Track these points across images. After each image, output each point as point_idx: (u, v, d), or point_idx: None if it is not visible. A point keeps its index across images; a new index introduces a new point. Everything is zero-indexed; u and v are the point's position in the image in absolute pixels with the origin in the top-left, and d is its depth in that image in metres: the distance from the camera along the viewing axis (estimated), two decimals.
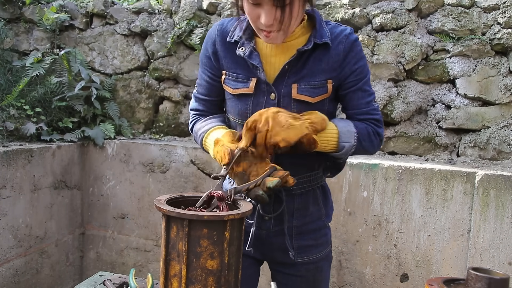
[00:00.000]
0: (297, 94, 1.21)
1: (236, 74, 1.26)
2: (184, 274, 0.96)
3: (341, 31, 1.23)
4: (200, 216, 0.93)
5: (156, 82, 3.25)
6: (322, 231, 1.38)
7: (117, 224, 3.07)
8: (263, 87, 1.23)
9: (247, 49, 1.22)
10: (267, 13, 1.09)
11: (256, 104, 1.24)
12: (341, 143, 1.17)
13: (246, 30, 1.24)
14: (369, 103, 1.26)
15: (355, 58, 1.22)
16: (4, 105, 2.88)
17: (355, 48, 1.23)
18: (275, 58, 1.23)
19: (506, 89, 2.53)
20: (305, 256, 1.35)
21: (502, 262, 2.23)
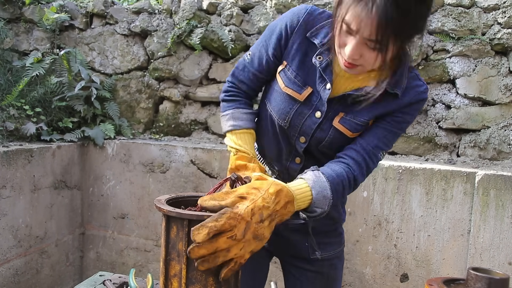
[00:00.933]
0: (338, 123, 1.17)
1: (295, 73, 1.19)
2: (184, 274, 0.96)
3: (416, 86, 1.17)
4: (200, 216, 0.92)
5: (156, 82, 3.25)
6: (338, 230, 1.41)
7: (117, 224, 3.07)
8: (314, 101, 1.18)
9: (325, 61, 1.15)
10: (354, 47, 1.02)
11: (299, 112, 1.19)
12: (314, 208, 1.07)
13: (330, 39, 1.14)
14: (377, 148, 1.18)
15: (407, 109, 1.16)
16: (4, 105, 2.88)
17: (417, 105, 1.17)
18: (341, 79, 1.17)
19: (506, 89, 2.53)
20: (322, 253, 1.37)
21: (502, 262, 2.23)
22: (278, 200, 0.97)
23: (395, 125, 1.18)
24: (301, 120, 1.19)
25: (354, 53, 1.03)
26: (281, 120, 1.22)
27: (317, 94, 1.17)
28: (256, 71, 1.27)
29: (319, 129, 1.19)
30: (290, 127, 1.22)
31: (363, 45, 1.02)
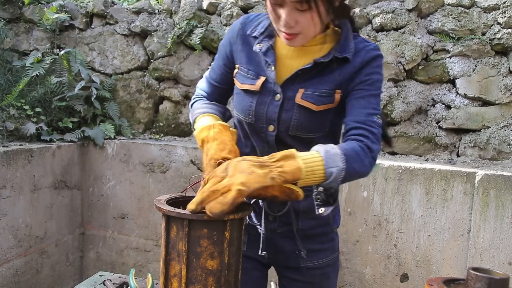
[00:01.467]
0: (301, 99, 1.19)
1: (247, 70, 1.25)
2: (184, 274, 0.96)
3: (364, 47, 1.20)
4: (200, 216, 0.93)
5: (156, 82, 3.25)
6: (329, 236, 1.35)
7: (117, 224, 3.07)
8: (270, 87, 1.21)
9: (265, 46, 1.22)
10: (287, 15, 1.08)
11: (260, 102, 1.22)
12: (328, 169, 1.02)
13: (268, 28, 1.23)
14: (371, 115, 1.16)
15: (369, 70, 1.18)
16: (4, 105, 2.88)
17: (373, 62, 1.19)
18: (291, 60, 1.22)
19: (506, 89, 2.53)
20: (311, 260, 1.32)
21: (502, 262, 2.23)
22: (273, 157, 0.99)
23: (368, 88, 1.18)
24: (264, 108, 1.21)
25: (288, 20, 1.08)
26: (247, 117, 1.25)
27: (270, 79, 1.21)
28: (213, 81, 1.36)
29: (283, 110, 1.20)
30: (256, 119, 1.24)
31: (294, 10, 1.07)
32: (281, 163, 0.98)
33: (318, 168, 1.02)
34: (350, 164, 1.06)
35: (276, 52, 1.22)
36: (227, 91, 1.36)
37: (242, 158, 0.98)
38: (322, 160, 1.02)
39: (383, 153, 2.81)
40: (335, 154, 1.04)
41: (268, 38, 1.23)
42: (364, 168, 1.11)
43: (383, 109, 2.73)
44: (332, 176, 1.03)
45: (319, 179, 1.03)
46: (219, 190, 0.92)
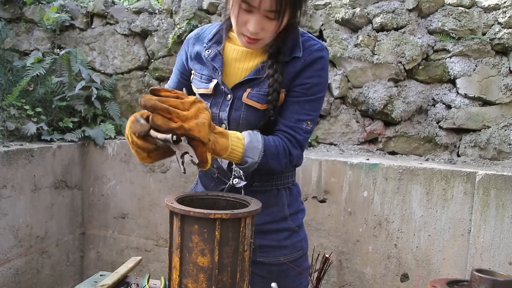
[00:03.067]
0: (247, 98, 1.24)
1: (200, 75, 1.32)
2: (178, 267, 0.99)
3: (310, 46, 1.24)
4: (187, 211, 0.95)
5: (156, 82, 3.25)
6: (286, 233, 1.37)
7: (117, 224, 3.07)
8: (221, 89, 1.27)
9: (213, 52, 1.28)
10: (257, 22, 1.12)
11: (213, 104, 1.29)
12: (244, 157, 1.15)
13: (217, 34, 1.30)
14: (300, 121, 1.24)
15: (310, 73, 1.22)
16: (5, 105, 2.89)
17: (316, 64, 1.23)
18: (240, 63, 1.28)
19: (506, 89, 2.53)
20: (267, 256, 1.35)
21: (503, 262, 2.23)
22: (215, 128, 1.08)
23: (306, 92, 1.23)
24: (217, 109, 1.28)
25: (257, 27, 1.12)
26: None
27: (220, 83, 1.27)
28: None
29: (232, 110, 1.26)
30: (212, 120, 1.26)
31: (263, 18, 1.12)
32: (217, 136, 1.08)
33: (237, 152, 1.14)
34: (267, 159, 1.18)
35: (225, 56, 1.29)
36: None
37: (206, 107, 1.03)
38: (243, 148, 1.15)
39: (383, 153, 2.81)
40: (256, 147, 1.16)
41: (216, 44, 1.29)
42: (278, 166, 1.24)
43: (383, 109, 2.73)
44: (246, 164, 1.16)
45: (235, 160, 1.16)
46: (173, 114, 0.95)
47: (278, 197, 1.36)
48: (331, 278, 2.58)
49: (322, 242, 2.56)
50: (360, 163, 2.48)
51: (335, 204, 2.54)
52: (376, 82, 2.74)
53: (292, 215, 1.39)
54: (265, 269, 1.36)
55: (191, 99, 1.01)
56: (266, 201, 1.31)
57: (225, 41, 1.30)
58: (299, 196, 1.44)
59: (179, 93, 1.02)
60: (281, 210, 1.37)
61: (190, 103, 1.00)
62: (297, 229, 1.40)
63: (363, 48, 2.73)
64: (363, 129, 2.83)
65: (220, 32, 1.30)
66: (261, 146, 1.17)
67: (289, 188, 1.39)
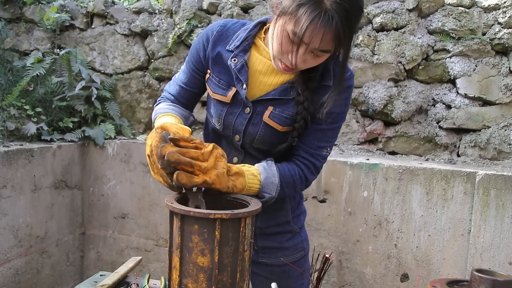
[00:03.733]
0: (268, 118, 1.21)
1: (219, 79, 1.25)
2: (178, 267, 0.99)
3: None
4: (187, 211, 0.95)
5: (156, 82, 3.25)
6: (289, 235, 1.39)
7: (117, 224, 3.07)
8: (240, 99, 1.22)
9: (239, 62, 1.20)
10: (301, 56, 1.07)
11: (230, 113, 1.24)
12: (262, 193, 1.18)
13: (244, 42, 1.22)
14: (320, 148, 1.24)
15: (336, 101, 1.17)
16: (5, 105, 2.89)
17: (344, 94, 1.19)
18: (264, 77, 1.22)
19: (506, 89, 2.53)
20: (269, 257, 1.36)
21: (503, 262, 2.23)
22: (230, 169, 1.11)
23: (330, 121, 1.22)
24: (233, 119, 1.24)
25: (300, 61, 1.08)
26: (216, 124, 1.29)
27: (241, 93, 1.23)
28: (182, 83, 1.33)
29: (250, 124, 1.23)
30: (224, 128, 1.27)
31: (309, 53, 1.06)
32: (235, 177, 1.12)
33: (254, 188, 1.17)
34: (283, 190, 1.21)
35: (250, 68, 1.22)
36: (196, 95, 1.35)
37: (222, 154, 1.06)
38: (260, 185, 1.17)
39: (383, 153, 2.81)
40: (272, 183, 1.18)
41: (243, 53, 1.21)
42: (294, 193, 1.27)
43: (383, 109, 2.73)
44: (264, 198, 1.18)
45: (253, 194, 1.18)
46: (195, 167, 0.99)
47: (283, 203, 1.36)
48: (331, 278, 2.58)
49: (322, 242, 2.56)
50: (360, 163, 2.48)
51: (335, 204, 2.54)
52: (376, 82, 2.74)
53: (295, 218, 1.40)
54: (267, 269, 1.36)
55: (209, 148, 1.03)
56: (270, 207, 1.31)
57: (251, 50, 1.22)
58: (301, 200, 1.45)
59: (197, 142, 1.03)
60: (285, 215, 1.38)
61: (209, 153, 1.02)
62: (299, 231, 1.41)
63: (363, 48, 2.73)
64: (363, 129, 2.83)
65: (249, 39, 1.22)
66: (278, 181, 1.19)
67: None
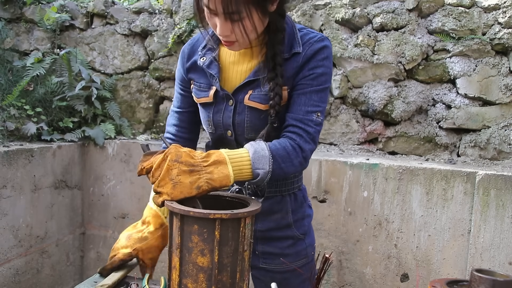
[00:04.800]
0: (249, 100, 1.21)
1: (199, 84, 1.29)
2: (178, 267, 0.99)
3: (309, 39, 1.20)
4: (187, 211, 0.95)
5: (156, 82, 3.25)
6: (290, 241, 1.34)
7: (117, 224, 3.07)
8: (222, 95, 1.24)
9: (208, 59, 1.25)
10: (221, 24, 1.10)
11: (216, 111, 1.26)
12: (255, 170, 1.09)
13: (210, 40, 1.27)
14: (309, 113, 1.18)
15: (313, 63, 1.18)
16: (5, 105, 2.89)
17: (318, 54, 1.18)
18: (237, 66, 1.24)
19: (506, 89, 2.53)
20: (270, 263, 1.33)
21: (503, 262, 2.23)
22: (207, 159, 1.03)
23: (311, 83, 1.18)
24: (220, 116, 1.26)
25: (223, 29, 1.10)
26: (208, 128, 1.30)
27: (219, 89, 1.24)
28: (177, 108, 1.39)
29: (236, 114, 1.24)
30: (216, 128, 1.28)
31: (227, 21, 1.09)
32: (211, 169, 1.03)
33: (245, 169, 1.08)
34: (278, 165, 1.12)
35: (221, 61, 1.26)
36: (193, 114, 1.37)
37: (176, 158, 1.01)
38: (250, 161, 1.08)
39: (383, 153, 2.81)
40: (263, 156, 1.09)
41: (211, 51, 1.26)
42: (292, 168, 1.16)
43: (383, 109, 2.73)
44: (258, 177, 1.09)
45: (247, 177, 1.09)
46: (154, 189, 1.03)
47: (282, 204, 1.33)
48: (331, 278, 2.58)
49: (322, 242, 2.56)
50: (360, 163, 2.48)
51: (335, 204, 2.54)
52: (376, 82, 2.74)
53: (297, 222, 1.35)
54: (267, 275, 1.34)
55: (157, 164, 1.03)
56: (270, 208, 1.30)
57: (220, 46, 1.27)
58: (305, 201, 1.40)
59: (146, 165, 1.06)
60: (284, 217, 1.34)
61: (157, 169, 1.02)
62: (302, 237, 1.36)
63: (363, 48, 2.73)
64: (363, 129, 2.83)
65: (214, 38, 1.26)
66: (268, 152, 1.10)
67: (294, 194, 1.35)
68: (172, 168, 1.00)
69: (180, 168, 1.00)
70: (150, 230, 1.24)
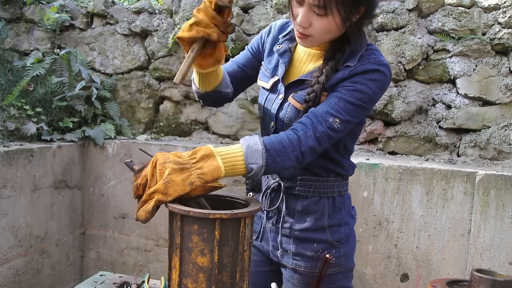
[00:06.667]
0: (291, 98, 1.24)
1: (266, 68, 1.33)
2: (178, 267, 0.99)
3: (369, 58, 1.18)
4: (187, 211, 0.95)
5: (156, 82, 3.25)
6: (322, 245, 1.30)
7: (117, 224, 3.07)
8: (278, 86, 1.28)
9: (283, 47, 1.29)
10: (303, 15, 1.12)
11: (268, 99, 1.30)
12: (249, 165, 1.06)
13: (292, 31, 1.28)
14: (328, 114, 1.14)
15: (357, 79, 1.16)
16: (5, 105, 2.89)
17: (367, 74, 1.16)
18: (302, 65, 1.27)
19: (506, 89, 2.53)
20: (301, 266, 1.31)
21: (503, 262, 2.23)
22: (195, 156, 1.02)
23: (346, 92, 1.17)
24: (270, 105, 1.29)
25: (303, 20, 1.12)
26: (259, 111, 1.35)
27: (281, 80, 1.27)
28: (238, 62, 1.41)
29: (281, 109, 1.26)
30: (264, 114, 1.32)
31: (311, 12, 1.11)
32: (200, 164, 1.01)
33: (239, 164, 1.06)
34: (273, 159, 1.09)
35: (293, 55, 1.29)
36: (247, 76, 1.40)
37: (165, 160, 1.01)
38: (243, 155, 1.06)
39: (383, 153, 2.81)
40: (256, 150, 1.07)
41: (289, 41, 1.29)
42: (288, 162, 1.11)
43: (383, 109, 2.73)
44: (252, 171, 1.07)
45: (241, 172, 1.07)
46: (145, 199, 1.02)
47: (319, 205, 1.30)
48: None
49: None
50: (360, 163, 2.48)
51: None
52: None
53: (332, 227, 1.32)
54: (295, 277, 1.32)
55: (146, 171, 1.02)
56: (306, 207, 1.30)
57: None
58: (344, 208, 1.35)
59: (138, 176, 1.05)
60: (320, 219, 1.30)
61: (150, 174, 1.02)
62: (337, 244, 1.32)
63: None
64: (363, 129, 2.83)
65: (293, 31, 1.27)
66: (261, 146, 1.07)
67: (332, 198, 1.32)
68: (163, 170, 0.99)
69: (170, 167, 0.99)
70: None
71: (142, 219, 1.02)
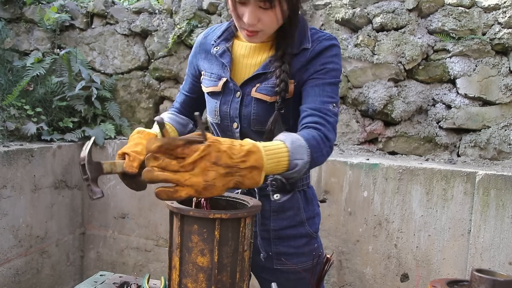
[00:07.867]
0: (256, 92, 1.22)
1: (210, 74, 1.31)
2: (178, 267, 0.99)
3: (318, 37, 1.23)
4: (187, 211, 0.95)
5: (156, 82, 3.25)
6: (304, 239, 1.34)
7: (117, 224, 3.07)
8: (231, 86, 1.26)
9: (221, 48, 1.29)
10: (251, 13, 1.12)
11: (223, 102, 1.27)
12: (294, 161, 1.00)
13: (225, 32, 1.31)
14: (325, 103, 1.16)
15: (323, 59, 1.20)
16: (5, 105, 2.89)
17: (327, 51, 1.21)
18: (248, 59, 1.27)
19: (506, 89, 2.53)
20: (284, 263, 1.32)
21: (503, 262, 2.23)
22: (245, 160, 0.90)
23: (323, 76, 1.19)
24: (227, 107, 1.27)
25: (252, 17, 1.12)
26: (214, 118, 1.31)
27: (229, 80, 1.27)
28: (185, 91, 1.44)
29: (243, 106, 1.25)
30: (222, 119, 1.29)
31: (257, 9, 1.11)
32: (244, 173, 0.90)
33: (283, 160, 0.98)
34: (313, 155, 1.05)
35: (233, 53, 1.29)
36: (198, 100, 1.41)
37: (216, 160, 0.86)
38: (288, 151, 0.99)
39: (383, 153, 2.81)
40: (300, 146, 1.02)
41: (225, 41, 1.30)
42: (322, 158, 1.11)
43: (383, 109, 2.73)
44: (296, 168, 1.01)
45: (282, 170, 1.00)
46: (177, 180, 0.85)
47: (294, 201, 1.32)
48: (331, 278, 2.58)
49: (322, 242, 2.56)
50: (360, 163, 2.48)
51: (335, 204, 2.55)
52: (376, 82, 2.74)
53: (309, 220, 1.36)
54: (282, 277, 1.32)
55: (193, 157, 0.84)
56: (281, 205, 1.30)
57: (233, 39, 1.30)
58: (314, 200, 1.40)
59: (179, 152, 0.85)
60: (297, 213, 1.33)
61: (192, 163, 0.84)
62: (314, 235, 1.37)
63: (363, 48, 2.73)
64: (363, 129, 2.83)
65: (229, 30, 1.31)
66: (304, 142, 1.04)
67: (303, 191, 1.35)
68: (210, 170, 0.85)
69: (217, 172, 0.86)
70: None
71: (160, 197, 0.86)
